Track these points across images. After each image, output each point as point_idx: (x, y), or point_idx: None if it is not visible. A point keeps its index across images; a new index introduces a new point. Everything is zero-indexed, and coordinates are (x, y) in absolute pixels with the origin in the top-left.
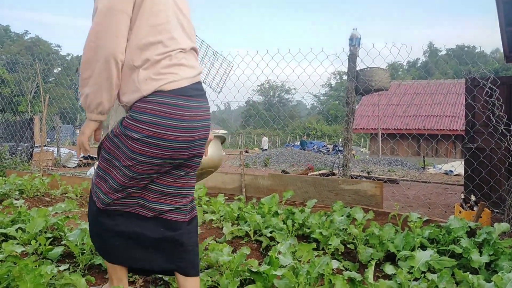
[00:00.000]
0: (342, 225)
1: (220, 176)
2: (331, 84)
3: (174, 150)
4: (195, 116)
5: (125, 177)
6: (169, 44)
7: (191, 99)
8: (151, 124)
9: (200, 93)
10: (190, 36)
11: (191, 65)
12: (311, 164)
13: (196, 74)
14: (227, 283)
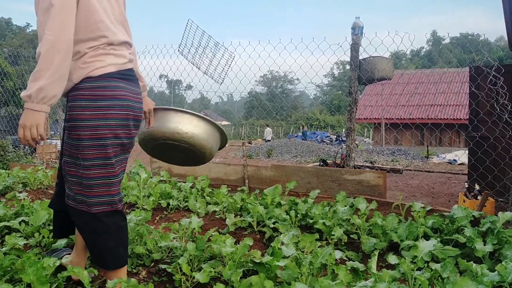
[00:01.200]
0: (345, 215)
1: (223, 168)
2: (334, 74)
3: (119, 128)
4: (128, 95)
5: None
6: (98, 39)
7: (120, 80)
8: (89, 108)
9: (129, 78)
10: (123, 31)
11: (120, 54)
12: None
13: (125, 62)
14: (230, 274)
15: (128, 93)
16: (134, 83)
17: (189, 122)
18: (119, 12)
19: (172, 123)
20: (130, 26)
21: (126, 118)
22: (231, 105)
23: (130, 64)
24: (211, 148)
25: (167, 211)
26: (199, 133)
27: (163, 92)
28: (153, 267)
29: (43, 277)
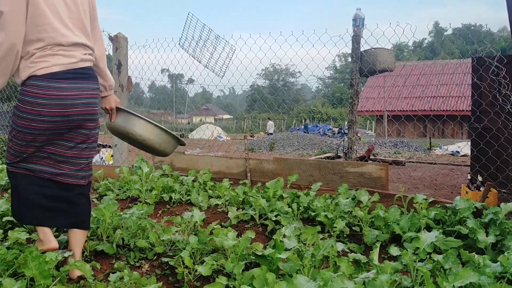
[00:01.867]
0: (347, 207)
1: (225, 161)
2: (336, 67)
3: (50, 123)
4: (68, 95)
5: (17, 146)
6: (46, 41)
7: (63, 81)
8: (29, 103)
9: (79, 76)
10: (79, 34)
11: (70, 55)
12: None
13: (74, 62)
14: (232, 266)
15: (70, 92)
16: (87, 80)
17: (143, 127)
18: (77, 17)
19: (129, 124)
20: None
21: (61, 115)
22: (232, 99)
23: (82, 63)
24: (164, 150)
25: (170, 205)
26: (151, 137)
27: (164, 86)
28: (155, 260)
29: (45, 271)
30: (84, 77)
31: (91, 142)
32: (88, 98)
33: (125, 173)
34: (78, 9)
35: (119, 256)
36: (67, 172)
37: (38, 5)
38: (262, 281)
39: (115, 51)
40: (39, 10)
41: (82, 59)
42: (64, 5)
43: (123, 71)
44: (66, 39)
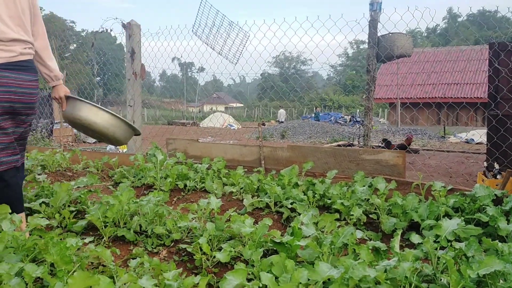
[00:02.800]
0: (364, 195)
1: (239, 149)
2: (348, 54)
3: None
4: (11, 83)
5: None
6: None
7: (5, 71)
8: None
9: (18, 68)
10: (19, 31)
11: (9, 49)
12: (410, 134)
13: (13, 56)
14: (250, 253)
15: (11, 81)
16: (26, 72)
17: (88, 111)
18: (16, 15)
19: (76, 110)
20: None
21: (6, 101)
22: (244, 87)
23: (21, 56)
24: (114, 134)
25: (184, 192)
26: (97, 121)
27: (175, 75)
28: (173, 246)
29: (66, 257)
30: (23, 69)
31: (27, 127)
32: (28, 88)
33: (139, 160)
34: (17, 7)
35: (137, 242)
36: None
37: None
38: (281, 268)
39: (128, 39)
40: None
41: (21, 53)
42: (4, 4)
43: (136, 59)
44: (5, 35)
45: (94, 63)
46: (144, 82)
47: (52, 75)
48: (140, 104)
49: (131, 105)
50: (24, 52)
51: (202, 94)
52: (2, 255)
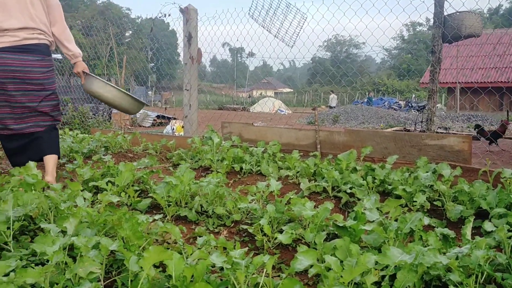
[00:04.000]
0: (427, 181)
1: (294, 133)
2: (404, 37)
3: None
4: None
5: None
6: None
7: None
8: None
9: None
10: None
11: (14, 35)
12: (505, 120)
13: (17, 40)
14: (312, 236)
15: (10, 61)
16: (31, 53)
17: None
18: (24, 7)
19: (89, 84)
20: None
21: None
22: (293, 72)
23: (25, 41)
24: (120, 104)
25: (240, 175)
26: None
27: (226, 60)
28: (233, 227)
29: (138, 232)
30: (26, 50)
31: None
32: (32, 66)
33: (196, 143)
34: (26, 1)
35: (198, 222)
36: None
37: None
38: (345, 252)
39: (186, 23)
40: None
41: (26, 38)
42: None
43: (193, 43)
44: (13, 26)
45: (148, 49)
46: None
47: (70, 53)
48: (196, 88)
49: (188, 89)
50: (29, 37)
51: (252, 79)
52: (78, 229)
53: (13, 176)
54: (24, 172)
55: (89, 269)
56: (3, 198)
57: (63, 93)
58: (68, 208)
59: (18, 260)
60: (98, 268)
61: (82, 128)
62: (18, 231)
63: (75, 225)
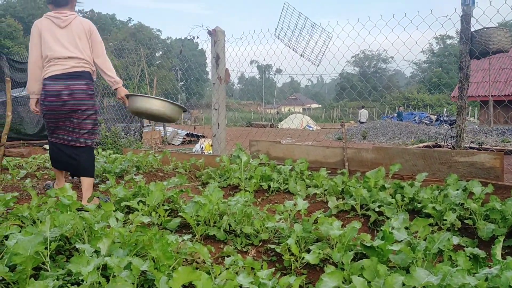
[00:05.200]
0: (458, 199)
1: (321, 150)
2: (433, 50)
3: (48, 106)
4: (59, 88)
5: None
6: (50, 57)
7: (56, 80)
8: (41, 95)
9: (69, 76)
10: (71, 50)
11: (62, 64)
12: None
13: (67, 68)
14: (340, 256)
15: (61, 87)
16: (76, 79)
17: (143, 101)
18: (72, 40)
19: (134, 103)
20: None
21: (52, 101)
22: (321, 88)
23: (74, 68)
24: (164, 113)
25: (268, 193)
26: (150, 106)
27: (254, 77)
28: (261, 246)
29: (168, 253)
30: (74, 76)
31: (84, 119)
32: (78, 89)
33: (225, 162)
34: (74, 35)
35: (227, 241)
36: (74, 138)
37: (45, 39)
38: (372, 272)
39: (214, 45)
40: (45, 41)
41: (74, 66)
42: (65, 34)
43: (221, 64)
44: (62, 54)
45: (177, 69)
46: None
47: (112, 80)
48: (224, 107)
49: (216, 108)
50: (76, 66)
51: (280, 95)
52: (111, 249)
53: (50, 197)
54: (60, 193)
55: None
56: (41, 219)
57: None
58: (101, 228)
59: (55, 280)
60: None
61: (114, 147)
62: (55, 251)
63: (108, 245)
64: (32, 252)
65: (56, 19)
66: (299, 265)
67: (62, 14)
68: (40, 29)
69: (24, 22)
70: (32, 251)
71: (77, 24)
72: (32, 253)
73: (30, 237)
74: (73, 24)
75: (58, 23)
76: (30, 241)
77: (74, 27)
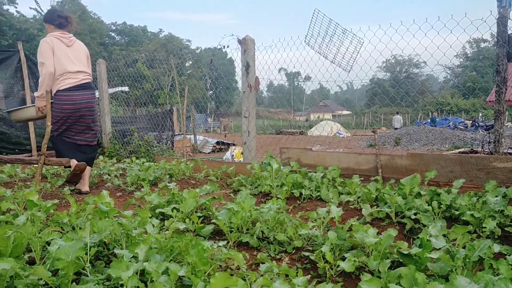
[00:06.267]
0: (497, 206)
1: (354, 157)
2: (467, 54)
3: (65, 113)
4: (74, 98)
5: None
6: (62, 71)
7: (71, 91)
8: (58, 104)
9: (81, 88)
10: (78, 65)
11: (75, 77)
12: None
13: (78, 80)
14: (376, 264)
15: (76, 97)
16: (86, 90)
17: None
18: (78, 57)
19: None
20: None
21: (72, 109)
22: (351, 94)
23: (83, 81)
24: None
25: (300, 201)
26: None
27: (282, 85)
28: (294, 254)
29: (204, 258)
30: (84, 87)
31: (91, 123)
32: (88, 98)
33: (256, 169)
34: (80, 54)
35: (260, 248)
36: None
37: (57, 55)
38: (410, 280)
39: (243, 53)
40: (57, 57)
41: (82, 79)
42: (71, 52)
43: (251, 72)
44: (73, 69)
45: (207, 77)
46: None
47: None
48: (254, 115)
49: (246, 116)
50: (84, 78)
51: (309, 102)
52: (148, 255)
53: (88, 204)
54: (98, 200)
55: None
56: (80, 226)
57: (129, 123)
58: (138, 234)
59: (96, 285)
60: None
61: (147, 156)
62: (94, 257)
63: (145, 250)
64: (74, 257)
65: (64, 38)
66: (334, 272)
67: (66, 34)
68: (52, 46)
69: None
70: (74, 256)
71: (79, 44)
72: (74, 258)
73: (71, 242)
74: (76, 44)
75: (66, 42)
76: (71, 246)
77: (77, 47)
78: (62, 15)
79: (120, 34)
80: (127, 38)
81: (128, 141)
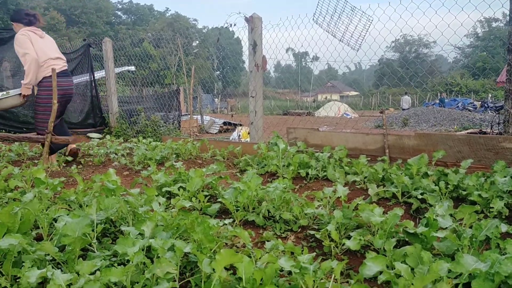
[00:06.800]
0: (505, 186)
1: (361, 137)
2: (478, 33)
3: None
4: (62, 84)
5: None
6: (45, 57)
7: (58, 77)
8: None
9: (64, 75)
10: (56, 53)
11: (57, 63)
12: None
13: (61, 67)
14: (382, 243)
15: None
16: (67, 76)
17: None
18: (54, 47)
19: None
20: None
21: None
22: (359, 74)
23: (63, 67)
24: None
25: (306, 180)
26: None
27: (290, 65)
28: (300, 232)
29: (210, 236)
30: (65, 74)
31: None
32: (71, 86)
33: (262, 149)
34: (53, 44)
35: (266, 227)
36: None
37: (36, 44)
38: (416, 259)
39: (251, 32)
40: (37, 46)
41: (63, 65)
42: (46, 43)
43: (258, 51)
44: (53, 55)
45: (214, 58)
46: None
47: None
48: (261, 95)
49: (253, 96)
50: (64, 65)
51: (316, 83)
52: (155, 232)
53: (95, 182)
54: (105, 178)
55: (166, 270)
56: (87, 203)
57: (136, 103)
58: (145, 212)
59: (102, 260)
60: (174, 269)
61: (154, 136)
62: (101, 233)
63: (151, 228)
64: (80, 233)
65: (37, 31)
66: (339, 251)
67: (37, 29)
68: (29, 37)
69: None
70: (80, 233)
71: (49, 37)
72: (80, 235)
73: (77, 219)
74: (47, 37)
75: (39, 34)
76: (78, 223)
77: (49, 38)
78: (30, 13)
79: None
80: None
81: (135, 120)
